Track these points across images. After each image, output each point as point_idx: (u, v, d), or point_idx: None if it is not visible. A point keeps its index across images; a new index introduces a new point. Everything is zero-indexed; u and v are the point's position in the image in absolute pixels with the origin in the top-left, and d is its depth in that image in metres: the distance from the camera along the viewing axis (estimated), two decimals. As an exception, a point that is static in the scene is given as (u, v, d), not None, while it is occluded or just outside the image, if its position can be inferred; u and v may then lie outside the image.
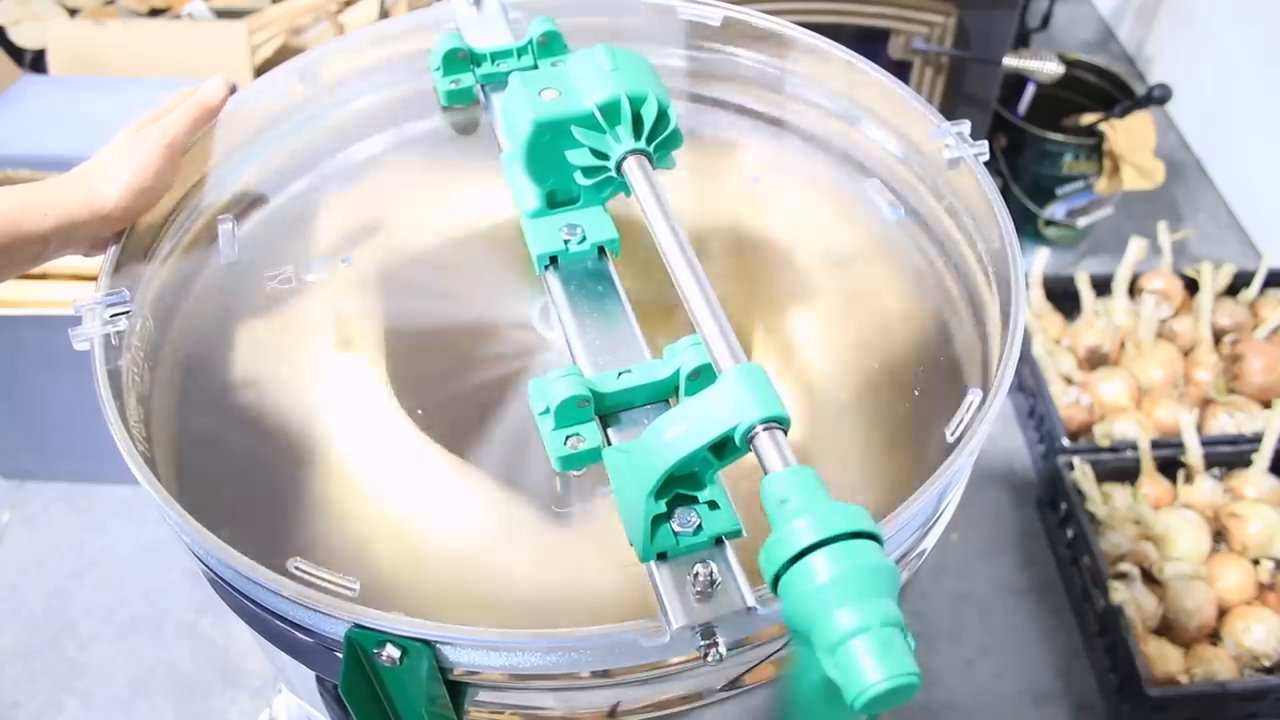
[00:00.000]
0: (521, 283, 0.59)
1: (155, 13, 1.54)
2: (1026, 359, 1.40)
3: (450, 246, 0.62)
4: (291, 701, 0.69)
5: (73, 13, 1.54)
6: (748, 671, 0.45)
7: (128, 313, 0.52)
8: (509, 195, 0.55)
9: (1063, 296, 1.48)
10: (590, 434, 0.46)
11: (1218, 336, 1.43)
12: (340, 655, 0.41)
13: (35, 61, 1.54)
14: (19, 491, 1.36)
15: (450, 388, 0.55)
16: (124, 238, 0.55)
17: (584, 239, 0.52)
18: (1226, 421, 1.33)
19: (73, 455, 1.32)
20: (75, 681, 1.20)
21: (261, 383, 0.55)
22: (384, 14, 1.51)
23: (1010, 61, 1.45)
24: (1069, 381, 1.39)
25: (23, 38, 1.55)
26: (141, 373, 0.53)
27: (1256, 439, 1.26)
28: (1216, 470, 1.27)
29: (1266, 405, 1.34)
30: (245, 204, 0.63)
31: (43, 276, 1.14)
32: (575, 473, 0.48)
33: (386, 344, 0.57)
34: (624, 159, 0.49)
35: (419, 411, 0.53)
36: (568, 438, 0.46)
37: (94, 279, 0.54)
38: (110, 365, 0.50)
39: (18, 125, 1.25)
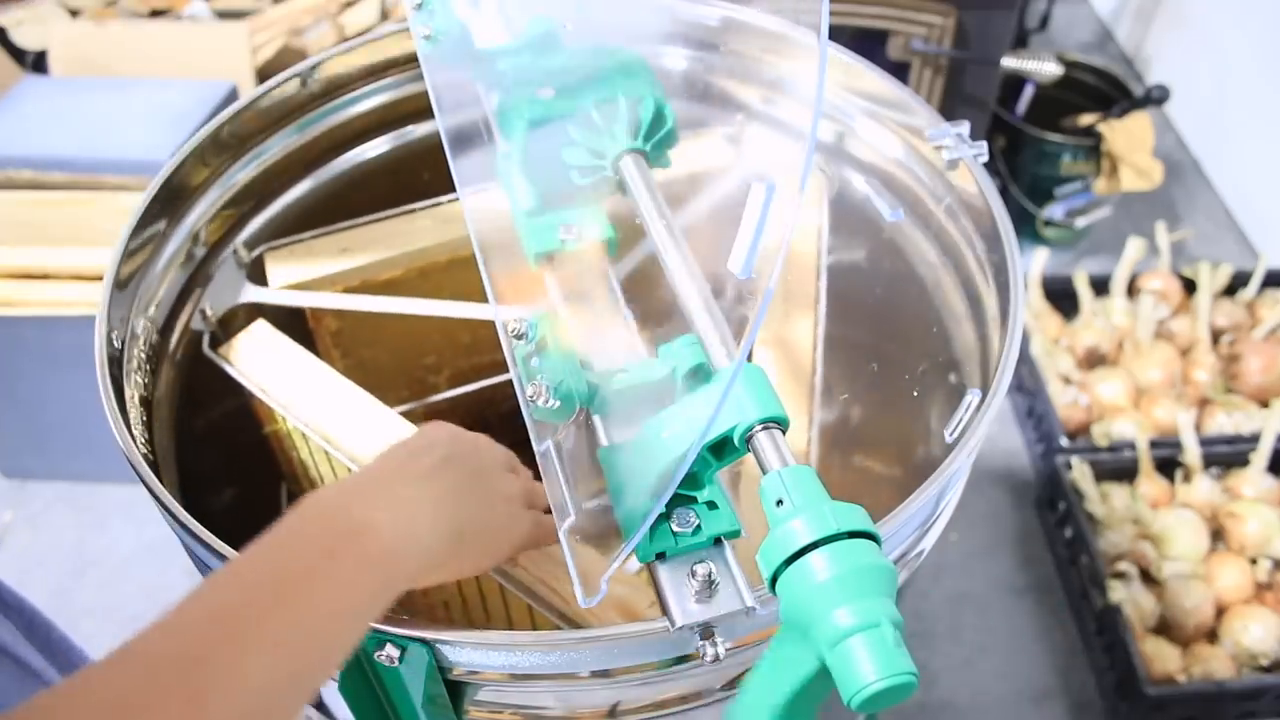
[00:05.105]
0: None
1: (156, 14, 1.55)
2: (1025, 359, 1.40)
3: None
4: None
5: (74, 14, 1.54)
6: (747, 671, 0.45)
7: (128, 314, 0.52)
8: (506, 194, 0.55)
9: (1061, 296, 1.49)
10: (585, 433, 0.46)
11: (1216, 336, 1.43)
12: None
13: (37, 62, 1.55)
14: (20, 491, 1.36)
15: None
16: (124, 239, 0.55)
17: (580, 237, 0.52)
18: (1224, 421, 1.33)
19: (74, 455, 1.32)
20: (75, 681, 1.20)
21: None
22: (384, 15, 1.51)
23: (1009, 62, 1.45)
24: (1067, 381, 1.39)
25: (25, 39, 1.55)
26: (142, 373, 0.53)
27: (1254, 439, 1.26)
28: (1214, 470, 1.27)
29: (1264, 405, 1.35)
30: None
31: (44, 277, 1.14)
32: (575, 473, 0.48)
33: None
34: (620, 158, 0.49)
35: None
36: (567, 437, 0.46)
37: (95, 279, 0.54)
38: (111, 365, 0.50)
39: (19, 126, 1.24)
